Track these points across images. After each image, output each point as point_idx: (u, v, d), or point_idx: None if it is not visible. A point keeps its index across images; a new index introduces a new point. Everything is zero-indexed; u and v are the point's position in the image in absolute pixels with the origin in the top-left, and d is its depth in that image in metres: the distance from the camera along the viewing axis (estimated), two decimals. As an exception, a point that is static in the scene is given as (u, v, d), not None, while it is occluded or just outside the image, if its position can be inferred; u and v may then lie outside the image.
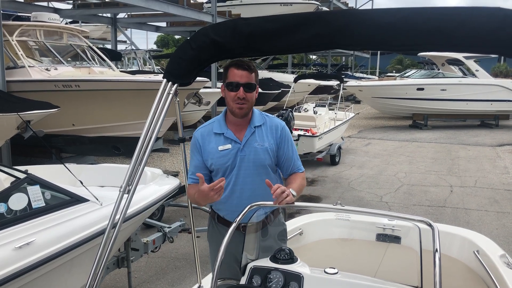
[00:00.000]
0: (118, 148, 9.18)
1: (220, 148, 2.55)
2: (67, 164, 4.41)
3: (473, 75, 18.44)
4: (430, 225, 2.01)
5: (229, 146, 2.55)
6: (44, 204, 3.24)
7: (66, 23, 15.51)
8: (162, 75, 2.21)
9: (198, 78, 9.71)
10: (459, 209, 7.61)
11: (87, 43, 10.28)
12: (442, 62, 19.05)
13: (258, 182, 2.53)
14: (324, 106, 12.92)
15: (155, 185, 4.53)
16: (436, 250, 1.86)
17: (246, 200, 2.44)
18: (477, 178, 9.78)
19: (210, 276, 2.19)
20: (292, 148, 2.70)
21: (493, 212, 7.44)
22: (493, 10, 1.61)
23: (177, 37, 42.22)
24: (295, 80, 13.53)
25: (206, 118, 14.79)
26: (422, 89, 17.79)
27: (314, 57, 43.87)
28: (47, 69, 8.75)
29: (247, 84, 2.48)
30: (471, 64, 18.30)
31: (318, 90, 21.55)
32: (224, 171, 2.56)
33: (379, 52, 47.13)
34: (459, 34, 1.65)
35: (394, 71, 43.01)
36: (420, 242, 2.20)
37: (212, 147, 2.56)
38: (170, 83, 2.10)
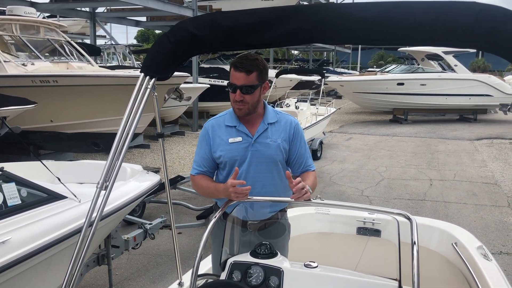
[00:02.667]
0: (98, 144, 9.08)
1: (231, 140, 2.50)
2: (45, 161, 4.32)
3: (452, 70, 18.72)
4: (408, 218, 2.03)
5: (239, 138, 2.50)
6: (20, 202, 3.18)
7: (44, 18, 15.23)
8: None
9: (178, 73, 9.68)
10: (439, 202, 7.72)
11: (65, 38, 10.10)
12: (422, 57, 19.28)
13: (269, 178, 2.51)
14: (306, 101, 12.95)
15: (135, 182, 4.48)
16: (414, 243, 1.88)
17: (256, 197, 2.41)
18: (456, 172, 9.94)
19: (190, 272, 2.17)
20: (305, 145, 2.65)
21: (471, 204, 7.58)
22: (468, 4, 1.63)
23: (157, 31, 41.83)
24: (277, 75, 13.53)
25: (188, 113, 14.75)
26: (402, 84, 17.99)
27: (295, 52, 43.98)
28: (23, 64, 8.58)
29: (244, 86, 2.40)
30: (450, 59, 18.57)
31: (300, 85, 21.61)
32: (233, 165, 2.49)
33: (360, 47, 47.63)
34: (435, 28, 1.65)
35: (374, 66, 43.40)
36: (399, 235, 2.22)
37: (222, 139, 2.52)
38: (148, 77, 2.07)
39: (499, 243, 5.93)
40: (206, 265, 2.74)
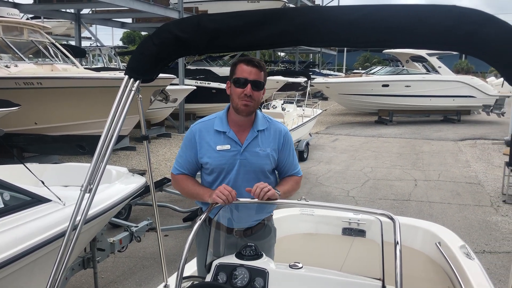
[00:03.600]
0: (83, 146, 9.00)
1: (219, 147, 2.43)
2: (28, 164, 4.28)
3: (436, 71, 18.96)
4: (391, 218, 2.05)
5: (228, 146, 2.44)
6: (3, 205, 3.14)
7: (27, 19, 15.06)
8: None
9: (164, 75, 9.63)
10: (423, 202, 7.81)
11: (49, 39, 10.00)
12: (406, 59, 19.49)
13: None
14: (292, 102, 12.99)
15: (120, 184, 4.45)
16: (397, 243, 1.90)
17: (245, 208, 2.39)
18: (440, 172, 10.06)
19: (176, 274, 2.17)
20: (293, 153, 2.63)
21: (455, 204, 7.68)
22: (449, 8, 1.66)
23: (143, 33, 41.61)
24: (263, 77, 13.53)
25: (174, 115, 14.69)
26: (387, 85, 18.16)
27: (282, 54, 44.15)
28: (6, 66, 8.47)
29: (255, 82, 2.37)
30: (434, 61, 18.81)
31: (286, 87, 21.70)
32: (220, 172, 2.45)
33: (345, 49, 47.93)
34: (417, 31, 1.68)
35: (360, 68, 43.76)
36: (382, 235, 2.24)
37: (209, 145, 2.45)
38: (132, 79, 2.07)
39: (482, 242, 6.02)
40: (192, 268, 2.74)
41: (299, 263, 2.19)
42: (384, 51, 21.98)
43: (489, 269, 5.03)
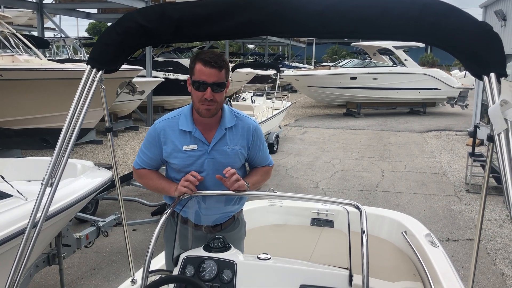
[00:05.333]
0: (47, 140, 8.76)
1: (185, 148, 2.33)
2: (-12, 158, 4.12)
3: (403, 64, 19.33)
4: (357, 208, 2.07)
5: (195, 146, 2.33)
6: (-39, 202, 3.02)
7: (-14, 8, 14.49)
8: None
9: (131, 67, 9.44)
10: (390, 192, 7.97)
11: (9, 29, 9.65)
12: (374, 52, 19.78)
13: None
14: (262, 95, 13.01)
15: (86, 178, 4.34)
16: (364, 232, 1.92)
17: (214, 204, 2.36)
18: (407, 163, 10.28)
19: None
20: (264, 146, 2.56)
21: (421, 194, 7.86)
22: (413, -1, 1.67)
23: (109, 24, 40.73)
24: (233, 69, 13.50)
25: (142, 108, 14.47)
26: (355, 78, 18.40)
27: (251, 46, 44.09)
28: (-36, 57, 8.15)
29: (215, 84, 2.21)
30: (401, 54, 19.17)
31: (256, 80, 21.69)
32: (188, 172, 2.34)
33: (314, 41, 48.31)
34: (382, 22, 1.70)
35: (329, 61, 44.19)
36: (349, 224, 2.26)
37: (175, 145, 2.34)
38: (94, 70, 2.01)
39: (446, 230, 6.19)
40: (161, 262, 2.70)
41: (267, 254, 2.18)
42: (352, 44, 22.30)
43: (453, 256, 5.18)
